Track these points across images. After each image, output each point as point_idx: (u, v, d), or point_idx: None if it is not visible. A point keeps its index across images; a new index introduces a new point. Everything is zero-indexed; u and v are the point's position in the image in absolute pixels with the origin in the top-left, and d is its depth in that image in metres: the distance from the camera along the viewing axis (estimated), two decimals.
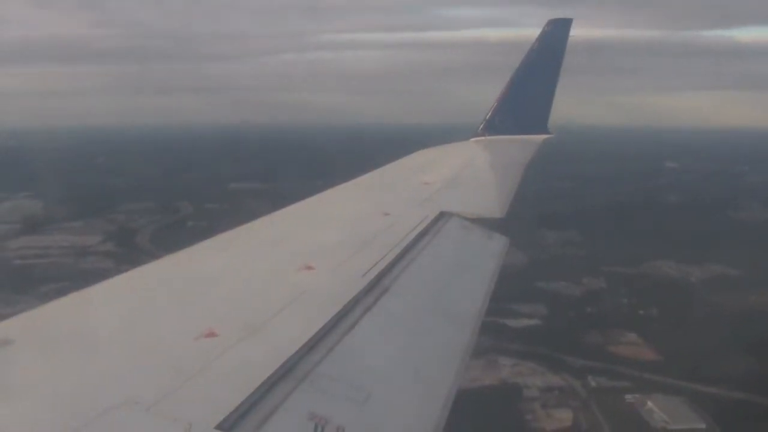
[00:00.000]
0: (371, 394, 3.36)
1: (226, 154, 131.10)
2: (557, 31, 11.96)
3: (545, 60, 11.95)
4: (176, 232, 63.74)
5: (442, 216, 6.62)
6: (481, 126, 12.15)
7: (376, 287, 4.57)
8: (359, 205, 7.33)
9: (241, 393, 2.94)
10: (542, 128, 12.00)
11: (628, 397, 33.50)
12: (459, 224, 6.64)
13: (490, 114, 12.16)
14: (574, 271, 55.45)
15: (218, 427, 2.71)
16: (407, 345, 4.19)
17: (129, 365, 3.25)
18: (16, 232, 67.61)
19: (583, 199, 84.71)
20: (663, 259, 58.41)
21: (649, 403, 32.60)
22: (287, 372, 3.25)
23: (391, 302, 4.46)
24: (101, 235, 67.57)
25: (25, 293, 44.34)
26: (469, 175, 9.71)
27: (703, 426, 30.78)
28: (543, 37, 11.95)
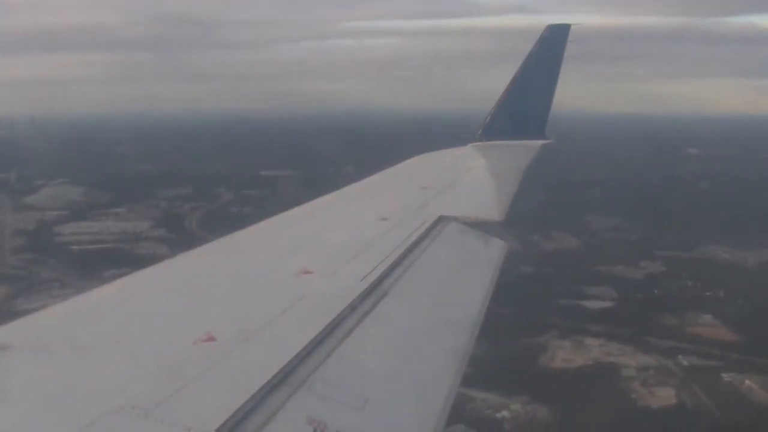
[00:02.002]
0: (369, 400, 3.37)
1: (247, 141, 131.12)
2: (555, 37, 11.98)
3: (544, 65, 11.98)
4: (222, 217, 64.01)
5: (441, 220, 6.57)
6: (480, 131, 12.17)
7: (374, 292, 4.55)
8: (357, 210, 7.34)
9: (240, 397, 2.94)
10: (540, 133, 12.02)
11: (725, 376, 33.98)
12: (457, 229, 6.59)
13: (488, 119, 12.19)
14: (629, 255, 55.98)
15: (217, 431, 2.72)
16: (405, 350, 4.18)
17: (128, 369, 3.26)
18: (64, 218, 67.62)
19: (615, 186, 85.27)
20: (714, 244, 58.76)
21: (747, 382, 33.11)
22: (286, 377, 3.25)
23: (390, 307, 4.45)
24: (149, 220, 67.63)
25: (89, 279, 44.48)
26: (468, 180, 9.68)
27: None
28: (541, 43, 11.99)
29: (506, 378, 34.19)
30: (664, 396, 32.26)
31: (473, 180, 9.86)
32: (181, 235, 61.40)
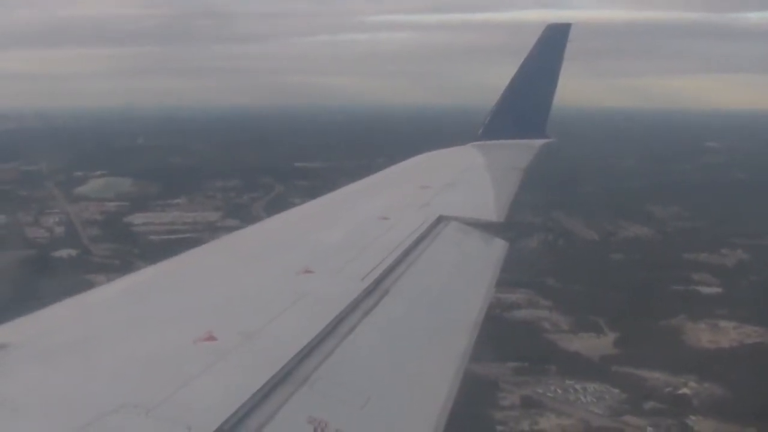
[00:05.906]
0: (370, 398, 3.41)
1: (262, 135, 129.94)
2: (556, 36, 11.98)
3: (544, 64, 12.03)
4: (287, 208, 63.32)
5: (441, 220, 6.65)
6: (481, 130, 12.21)
7: (375, 291, 4.62)
8: (358, 209, 7.39)
9: (240, 397, 2.97)
10: (541, 133, 12.06)
11: None
12: (457, 228, 6.65)
13: (489, 119, 12.24)
14: (707, 243, 56.77)
15: (217, 431, 2.73)
16: (406, 349, 4.22)
17: (128, 369, 3.26)
18: (127, 209, 66.49)
19: (653, 177, 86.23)
20: None
21: None
22: (286, 375, 3.28)
23: (390, 306, 4.51)
24: (215, 211, 66.84)
25: None
26: (469, 180, 9.76)
27: None
28: (542, 42, 12.03)
29: (664, 358, 34.65)
30: None
31: (474, 180, 9.88)
32: (254, 224, 60.69)
